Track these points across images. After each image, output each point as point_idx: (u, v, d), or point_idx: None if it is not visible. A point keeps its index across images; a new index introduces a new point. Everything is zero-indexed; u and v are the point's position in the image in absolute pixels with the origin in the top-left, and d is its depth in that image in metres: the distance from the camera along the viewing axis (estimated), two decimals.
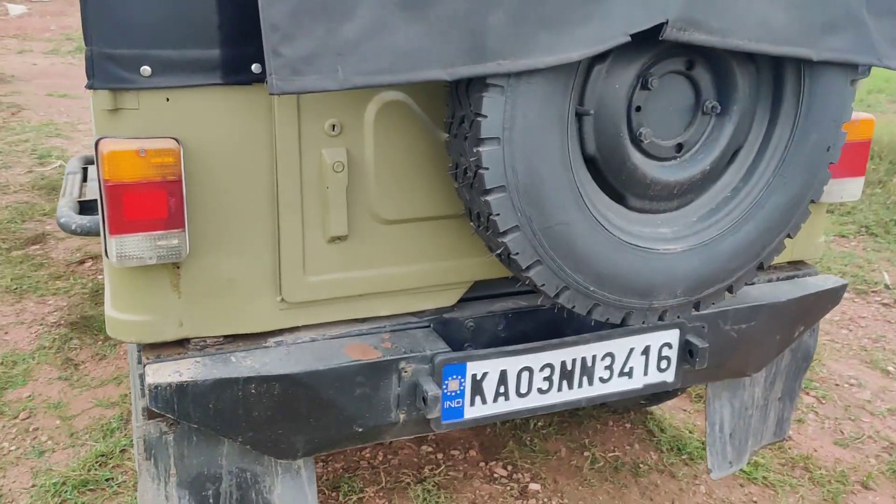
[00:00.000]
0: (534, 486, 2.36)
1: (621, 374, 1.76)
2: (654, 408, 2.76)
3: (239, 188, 1.43)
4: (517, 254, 1.38)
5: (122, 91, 1.30)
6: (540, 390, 1.68)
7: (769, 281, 2.01)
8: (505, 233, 1.36)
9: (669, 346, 1.78)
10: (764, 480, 2.41)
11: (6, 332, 3.14)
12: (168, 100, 1.34)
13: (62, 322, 3.22)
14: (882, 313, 3.64)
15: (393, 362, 1.55)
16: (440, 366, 1.56)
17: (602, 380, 1.74)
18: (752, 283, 1.99)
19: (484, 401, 1.64)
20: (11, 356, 2.95)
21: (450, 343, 1.66)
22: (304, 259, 1.52)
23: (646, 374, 1.78)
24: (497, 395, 1.65)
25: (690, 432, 2.66)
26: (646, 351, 1.76)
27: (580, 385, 1.72)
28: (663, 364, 1.79)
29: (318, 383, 1.50)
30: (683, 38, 1.28)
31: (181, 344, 1.51)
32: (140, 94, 1.32)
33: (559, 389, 1.70)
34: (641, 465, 2.48)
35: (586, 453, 2.53)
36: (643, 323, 1.57)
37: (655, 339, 1.76)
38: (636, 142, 1.46)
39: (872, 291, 3.85)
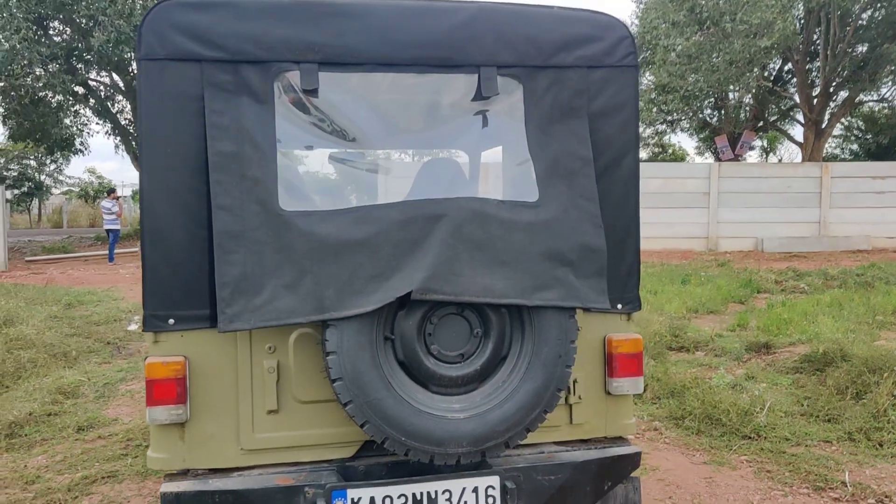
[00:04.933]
0: None
1: None
2: None
3: (217, 382, 2.64)
4: (353, 416, 2.47)
5: (158, 332, 2.60)
6: None
7: (587, 449, 2.90)
8: (345, 404, 2.46)
9: (493, 487, 2.70)
10: None
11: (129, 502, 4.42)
12: (182, 336, 2.62)
13: None
14: None
15: (300, 487, 2.60)
16: (329, 491, 2.58)
17: None
18: (576, 449, 2.89)
19: None
20: None
21: (350, 481, 2.69)
22: (253, 423, 2.67)
23: None
24: None
25: None
26: (475, 490, 2.69)
27: None
28: (490, 500, 2.70)
29: (254, 496, 2.57)
30: (426, 298, 2.43)
31: (185, 472, 2.67)
32: (168, 334, 2.61)
33: None
34: None
35: None
36: (444, 463, 2.55)
37: (482, 482, 2.69)
38: (429, 353, 2.56)
39: (829, 488, 4.35)
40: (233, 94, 2.55)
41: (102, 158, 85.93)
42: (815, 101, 24.70)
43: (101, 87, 24.93)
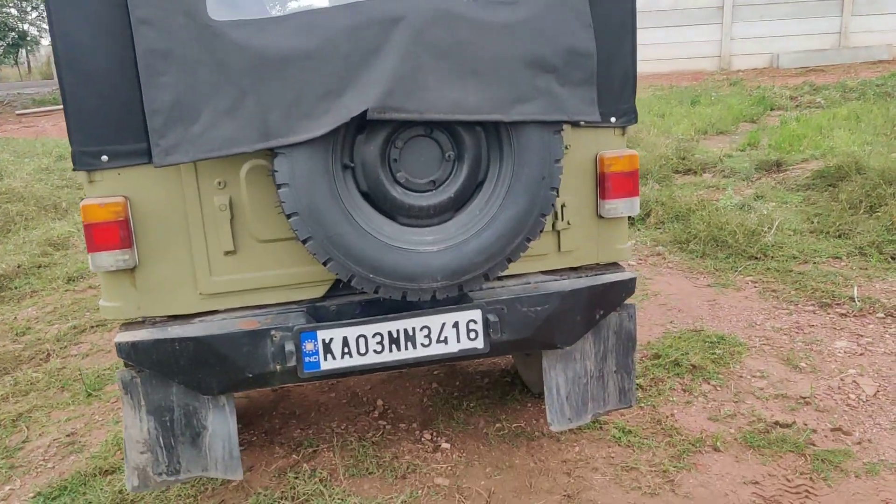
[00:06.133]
0: (445, 445, 3.10)
1: (438, 341, 2.49)
2: None
3: (165, 223, 2.39)
4: (315, 254, 2.23)
5: (92, 171, 2.32)
6: (375, 351, 2.46)
7: (576, 277, 2.68)
8: (304, 241, 2.21)
9: (475, 321, 2.50)
10: (628, 443, 3.00)
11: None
12: (119, 174, 2.33)
13: None
14: (833, 321, 3.99)
15: (267, 330, 2.41)
16: (297, 333, 2.39)
17: (423, 345, 2.49)
18: (564, 278, 2.67)
19: (334, 357, 2.45)
20: (116, 365, 4.11)
21: (322, 322, 2.50)
22: (210, 266, 2.44)
23: (459, 341, 2.50)
24: (343, 353, 2.44)
25: None
26: (455, 325, 2.50)
27: (406, 348, 2.48)
28: (472, 335, 2.51)
29: (217, 342, 2.39)
30: (385, 117, 2.10)
31: (141, 321, 2.48)
32: (103, 172, 2.32)
33: (390, 351, 2.47)
34: (536, 434, 3.14)
35: (497, 425, 3.23)
36: (419, 300, 2.34)
37: (462, 316, 2.49)
38: (396, 182, 2.28)
39: (836, 304, 4.19)
40: None
41: None
42: None
43: None
